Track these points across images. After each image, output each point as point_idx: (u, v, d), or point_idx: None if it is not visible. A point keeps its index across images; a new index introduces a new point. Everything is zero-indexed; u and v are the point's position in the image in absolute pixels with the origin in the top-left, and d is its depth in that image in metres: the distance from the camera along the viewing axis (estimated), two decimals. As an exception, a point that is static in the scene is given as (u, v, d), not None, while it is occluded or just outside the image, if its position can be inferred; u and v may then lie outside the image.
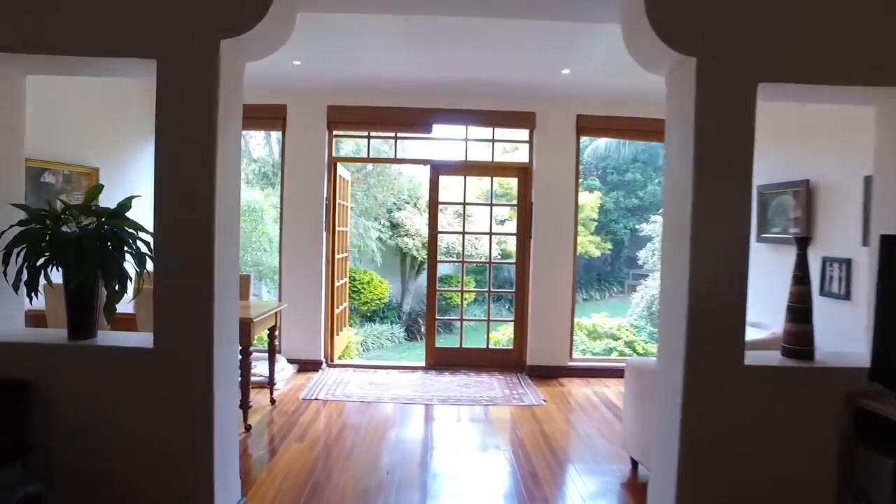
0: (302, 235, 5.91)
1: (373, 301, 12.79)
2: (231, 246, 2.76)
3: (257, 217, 7.40)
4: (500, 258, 14.58)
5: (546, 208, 5.96)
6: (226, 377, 2.71)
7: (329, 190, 6.00)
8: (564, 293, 5.98)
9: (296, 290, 5.92)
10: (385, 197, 11.69)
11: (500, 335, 7.47)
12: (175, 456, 2.55)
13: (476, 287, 15.86)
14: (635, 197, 16.79)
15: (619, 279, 19.07)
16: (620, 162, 16.60)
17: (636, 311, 8.34)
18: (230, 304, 2.77)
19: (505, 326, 7.87)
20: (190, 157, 2.53)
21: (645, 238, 11.89)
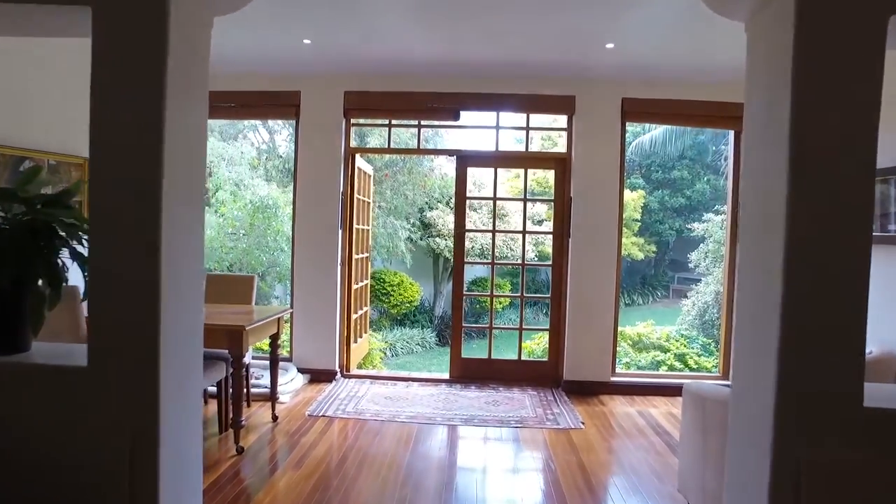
0: (315, 233, 5.41)
1: (403, 304, 12.30)
2: (193, 236, 2.23)
3: (270, 214, 6.98)
4: (538, 260, 13.88)
5: (587, 204, 5.30)
6: (180, 398, 2.19)
7: (346, 184, 5.49)
8: (607, 299, 5.30)
9: (308, 294, 5.42)
10: (415, 195, 11.16)
11: (535, 345, 6.83)
12: (109, 498, 2.03)
13: (511, 291, 15.21)
14: (682, 196, 15.81)
15: (664, 283, 18.10)
16: (666, 159, 15.66)
17: (686, 319, 7.53)
18: (189, 307, 2.24)
19: (540, 335, 7.21)
20: (129, 129, 2.01)
21: (695, 239, 11.03)
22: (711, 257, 7.52)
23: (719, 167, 15.38)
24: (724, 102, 5.17)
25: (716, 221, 7.62)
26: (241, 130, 9.26)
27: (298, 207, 5.44)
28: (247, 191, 7.01)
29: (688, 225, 16.04)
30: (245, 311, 4.03)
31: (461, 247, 5.55)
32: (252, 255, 7.07)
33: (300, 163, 5.44)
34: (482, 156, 5.58)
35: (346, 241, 5.51)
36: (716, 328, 7.04)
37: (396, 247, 10.62)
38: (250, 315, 3.76)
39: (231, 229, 7.16)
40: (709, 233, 7.84)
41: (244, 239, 7.09)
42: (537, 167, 6.00)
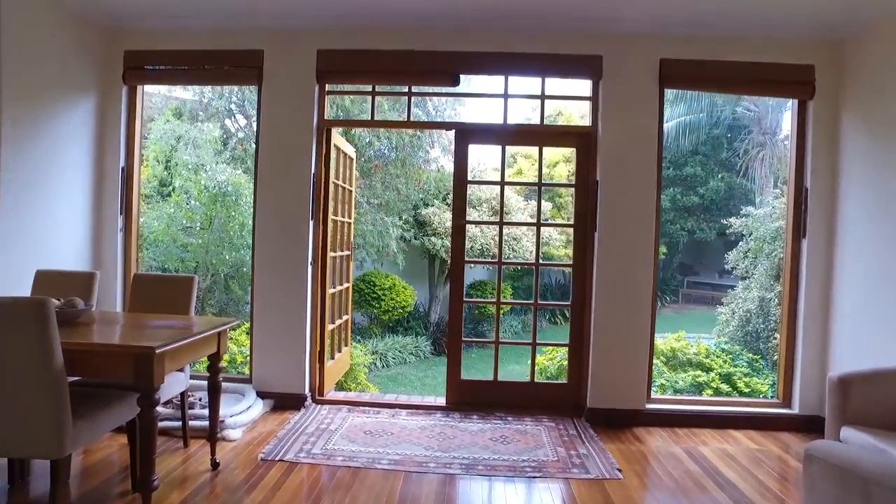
0: (279, 226, 4.38)
1: (395, 309, 11.27)
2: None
3: (230, 204, 5.91)
4: (543, 260, 12.85)
5: (617, 190, 4.28)
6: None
7: (319, 165, 4.46)
8: (641, 307, 4.29)
9: (271, 300, 4.39)
10: (409, 190, 10.13)
11: (546, 360, 5.79)
12: None
13: (513, 296, 14.15)
14: (695, 194, 14.84)
15: (673, 288, 17.14)
16: (678, 154, 14.68)
17: (726, 330, 6.51)
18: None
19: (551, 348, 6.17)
20: None
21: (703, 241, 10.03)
22: (752, 257, 6.52)
23: (734, 164, 14.44)
24: (788, 65, 4.18)
25: (756, 216, 6.63)
26: (215, 113, 8.23)
27: (260, 194, 4.41)
28: (207, 177, 5.96)
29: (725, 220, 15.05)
30: (175, 326, 2.99)
31: (461, 242, 4.51)
32: (213, 254, 6.03)
33: (263, 139, 4.41)
34: (487, 130, 4.55)
35: (318, 236, 4.47)
36: (761, 340, 6.02)
37: (387, 246, 9.59)
38: (175, 332, 2.73)
39: (186, 221, 6.08)
40: (749, 229, 6.84)
41: (202, 234, 6.04)
42: (555, 144, 4.97)
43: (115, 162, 4.47)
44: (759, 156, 13.12)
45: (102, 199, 4.46)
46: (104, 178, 4.46)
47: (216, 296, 7.08)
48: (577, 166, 4.45)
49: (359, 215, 8.97)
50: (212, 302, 7.19)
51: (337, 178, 4.86)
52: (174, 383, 3.24)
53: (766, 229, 6.23)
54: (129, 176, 4.51)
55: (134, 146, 4.52)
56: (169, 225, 5.99)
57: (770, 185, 12.86)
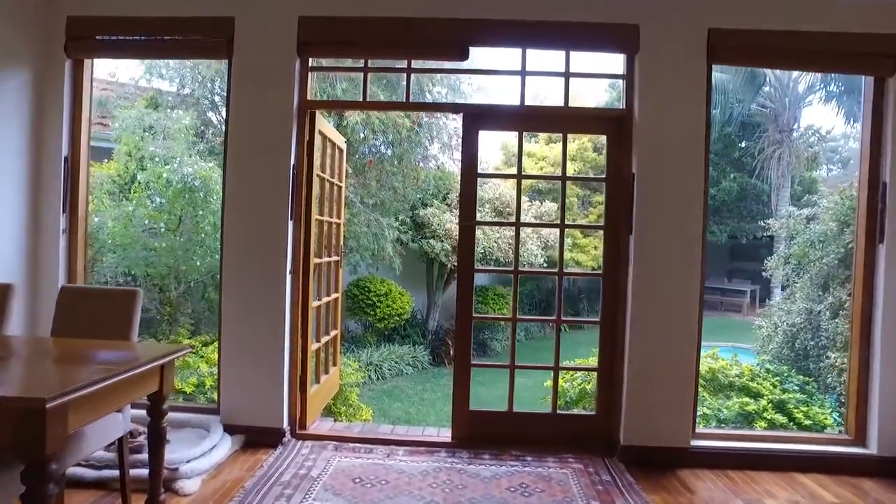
0: (252, 228, 3.65)
1: (391, 317, 10.55)
2: None
3: (198, 200, 5.12)
4: (546, 266, 12.15)
5: (657, 184, 3.57)
6: None
7: (300, 154, 3.74)
8: (684, 323, 3.57)
9: (242, 316, 3.66)
10: (406, 189, 9.40)
11: (564, 381, 5.04)
12: None
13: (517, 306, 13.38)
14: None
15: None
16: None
17: (769, 346, 5.78)
18: None
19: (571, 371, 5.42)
20: None
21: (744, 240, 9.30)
22: (795, 263, 5.82)
23: (747, 164, 13.79)
24: (865, 34, 3.48)
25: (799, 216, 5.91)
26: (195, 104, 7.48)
27: (229, 189, 3.68)
28: (170, 169, 5.19)
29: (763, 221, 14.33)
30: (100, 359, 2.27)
31: (469, 245, 3.79)
32: (184, 259, 5.26)
33: (233, 123, 3.68)
34: (500, 113, 3.81)
35: (300, 239, 3.75)
36: (811, 360, 5.30)
37: (383, 249, 8.86)
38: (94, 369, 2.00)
39: (149, 221, 5.29)
40: (788, 232, 6.12)
41: (169, 236, 5.26)
42: (582, 131, 4.28)
43: (56, 151, 3.73)
44: (776, 154, 12.47)
45: (41, 194, 3.73)
46: (43, 170, 3.73)
47: (193, 307, 6.34)
48: (608, 157, 3.74)
49: (352, 216, 8.24)
50: (189, 311, 6.45)
51: (323, 170, 4.14)
52: (106, 428, 2.51)
53: (814, 231, 5.54)
54: (75, 167, 3.77)
55: (80, 132, 3.78)
56: (127, 226, 5.22)
57: (787, 186, 12.20)
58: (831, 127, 13.77)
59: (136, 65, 7.41)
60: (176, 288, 5.70)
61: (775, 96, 12.41)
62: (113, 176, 5.85)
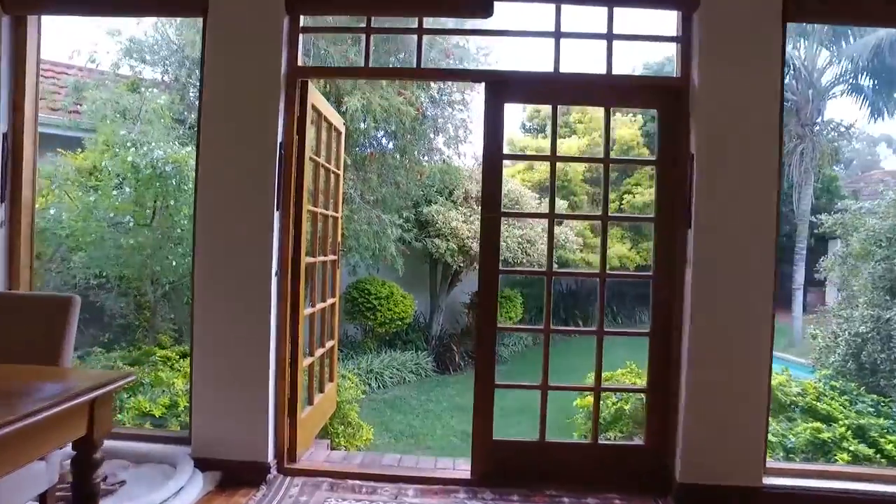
0: (230, 220, 3.02)
1: (393, 321, 9.92)
2: None
3: (170, 189, 4.39)
4: (557, 268, 11.51)
5: (722, 168, 2.94)
6: None
7: (289, 131, 3.10)
8: (754, 335, 2.94)
9: (219, 327, 3.03)
10: (409, 185, 8.76)
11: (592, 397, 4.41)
12: None
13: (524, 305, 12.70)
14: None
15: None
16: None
17: (830, 359, 5.10)
18: None
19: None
20: None
21: None
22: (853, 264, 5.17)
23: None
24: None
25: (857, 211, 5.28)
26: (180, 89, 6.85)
27: (203, 174, 3.05)
28: (136, 153, 4.51)
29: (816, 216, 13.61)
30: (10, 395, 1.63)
31: (493, 241, 3.14)
32: (158, 259, 4.59)
33: (208, 94, 3.05)
34: (531, 82, 3.16)
35: (288, 234, 3.11)
36: (881, 375, 4.64)
37: (385, 249, 8.22)
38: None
39: (113, 214, 4.61)
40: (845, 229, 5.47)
41: (140, 232, 4.56)
42: (628, 104, 3.68)
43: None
44: (798, 150, 11.85)
45: (-24, 179, 3.09)
46: (-22, 150, 3.09)
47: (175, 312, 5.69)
48: (659, 135, 3.10)
49: (351, 212, 7.60)
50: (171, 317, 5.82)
51: (317, 154, 3.51)
52: (22, 481, 1.88)
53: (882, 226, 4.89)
54: (17, 147, 3.14)
55: (23, 104, 3.14)
56: (87, 219, 4.54)
57: (810, 182, 11.58)
58: (853, 120, 13.10)
59: (115, 48, 6.76)
60: (154, 291, 5.05)
61: (797, 88, 11.80)
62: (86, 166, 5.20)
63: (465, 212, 9.88)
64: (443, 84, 8.79)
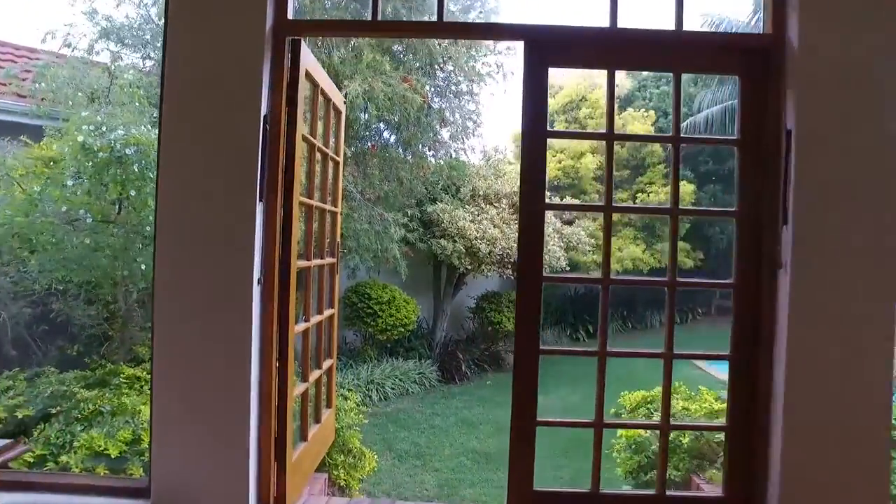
0: (200, 214, 2.38)
1: (395, 328, 9.30)
2: None
3: (130, 177, 3.72)
4: (569, 271, 10.88)
5: (830, 148, 2.31)
6: None
7: (276, 102, 2.46)
8: (870, 362, 2.30)
9: (185, 350, 2.39)
10: (413, 182, 8.13)
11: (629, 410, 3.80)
12: None
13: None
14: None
15: (707, 298, 15.31)
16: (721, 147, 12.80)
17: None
18: None
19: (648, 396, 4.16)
20: None
21: None
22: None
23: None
24: None
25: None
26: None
27: (167, 154, 2.41)
28: (89, 132, 3.85)
29: None
30: None
31: (536, 239, 2.49)
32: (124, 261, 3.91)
33: (173, 55, 2.41)
34: (581, 40, 2.51)
35: (273, 231, 2.46)
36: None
37: (387, 251, 7.58)
38: None
39: (66, 208, 3.91)
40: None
41: (102, 229, 3.88)
42: (702, 69, 3.00)
43: None
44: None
45: None
46: None
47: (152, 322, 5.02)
48: (741, 108, 2.47)
49: (350, 210, 6.96)
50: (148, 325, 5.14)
51: (313, 134, 2.87)
52: None
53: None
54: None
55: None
56: (30, 212, 3.86)
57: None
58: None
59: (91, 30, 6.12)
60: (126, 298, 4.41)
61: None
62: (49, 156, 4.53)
63: (473, 211, 9.26)
64: (450, 72, 8.17)
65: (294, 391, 2.69)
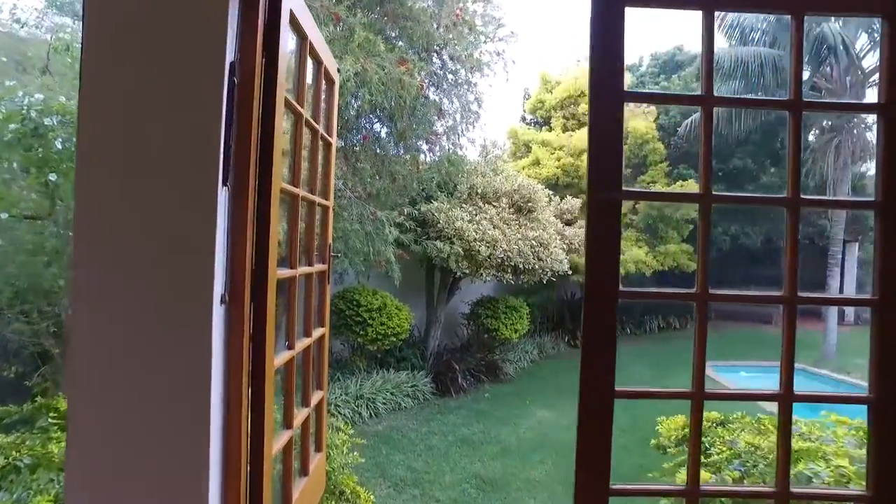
0: (140, 206, 1.66)
1: (386, 337, 8.60)
2: None
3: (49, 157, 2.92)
4: (571, 275, 10.25)
5: None
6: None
7: (247, 52, 1.75)
8: None
9: (116, 398, 1.67)
10: (407, 178, 7.43)
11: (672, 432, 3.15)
12: None
13: (529, 314, 11.26)
14: (743, 192, 12.47)
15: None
16: (723, 144, 12.30)
17: None
18: None
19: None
20: None
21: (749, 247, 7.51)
22: None
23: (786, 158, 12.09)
24: None
25: None
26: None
27: (87, 122, 1.69)
28: None
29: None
30: None
31: (610, 245, 1.83)
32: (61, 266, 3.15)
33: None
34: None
35: (244, 229, 1.76)
36: None
37: (379, 254, 6.88)
38: None
39: None
40: None
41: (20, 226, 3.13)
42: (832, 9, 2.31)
43: None
44: (834, 143, 10.78)
45: None
46: None
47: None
48: (884, 63, 1.82)
49: (339, 208, 6.25)
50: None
51: (300, 101, 2.17)
52: None
53: None
54: None
55: None
56: None
57: (846, 179, 10.50)
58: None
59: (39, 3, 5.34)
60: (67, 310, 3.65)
61: (832, 75, 10.75)
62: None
63: (471, 210, 8.58)
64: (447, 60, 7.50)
65: (274, 447, 1.98)
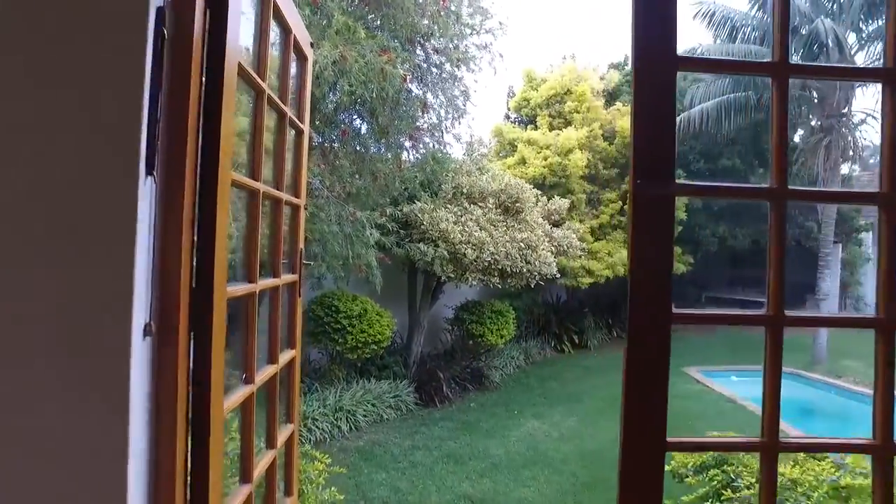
0: (28, 200, 1.21)
1: (366, 345, 8.15)
2: None
3: None
4: (559, 277, 9.89)
5: None
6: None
7: (187, 9, 1.31)
8: None
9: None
10: (389, 177, 7.01)
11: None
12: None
13: (515, 319, 10.90)
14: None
15: (690, 305, 14.62)
16: (711, 144, 12.13)
17: None
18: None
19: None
20: None
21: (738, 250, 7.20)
22: None
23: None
24: None
25: None
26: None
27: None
28: None
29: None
30: None
31: (662, 248, 1.43)
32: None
33: None
34: None
35: (180, 232, 1.32)
36: None
37: (360, 257, 6.44)
38: None
39: None
40: None
41: None
42: None
43: None
44: (824, 143, 10.63)
45: None
46: None
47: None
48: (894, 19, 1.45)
49: (316, 208, 5.79)
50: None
51: (261, 74, 1.73)
52: None
53: None
54: None
55: None
56: None
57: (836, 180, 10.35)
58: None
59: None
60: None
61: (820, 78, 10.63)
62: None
63: (456, 210, 8.18)
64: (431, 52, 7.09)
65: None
